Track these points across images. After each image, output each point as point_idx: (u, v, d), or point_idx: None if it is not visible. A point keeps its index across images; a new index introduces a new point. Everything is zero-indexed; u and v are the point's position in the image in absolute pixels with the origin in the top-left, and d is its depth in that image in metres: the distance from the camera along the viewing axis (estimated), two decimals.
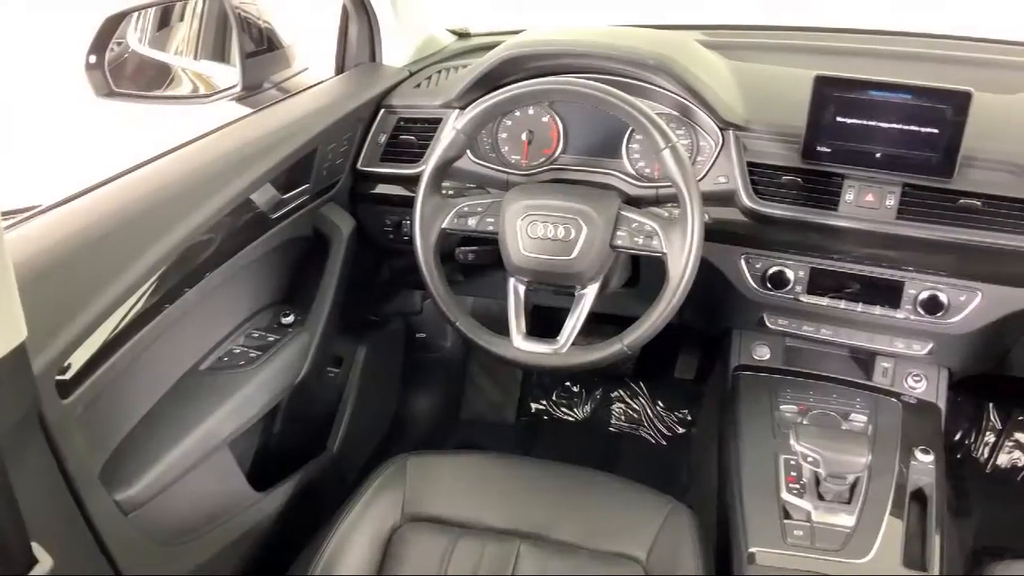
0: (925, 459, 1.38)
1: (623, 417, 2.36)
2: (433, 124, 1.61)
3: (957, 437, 2.19)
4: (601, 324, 1.50)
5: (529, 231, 1.35)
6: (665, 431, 2.32)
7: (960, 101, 1.31)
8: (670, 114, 1.51)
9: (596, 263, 1.34)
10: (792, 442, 1.34)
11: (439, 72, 1.72)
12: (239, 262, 1.38)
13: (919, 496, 1.34)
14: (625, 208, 1.35)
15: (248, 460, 1.55)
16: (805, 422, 1.45)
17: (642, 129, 1.31)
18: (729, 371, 1.64)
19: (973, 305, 1.41)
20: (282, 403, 1.56)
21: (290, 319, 1.53)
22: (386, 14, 1.72)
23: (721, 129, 1.47)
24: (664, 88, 1.50)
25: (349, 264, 1.58)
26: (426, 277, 1.40)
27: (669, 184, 1.31)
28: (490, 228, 1.39)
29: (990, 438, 2.19)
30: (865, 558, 1.22)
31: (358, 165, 1.64)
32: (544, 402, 2.41)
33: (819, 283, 1.49)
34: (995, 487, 2.12)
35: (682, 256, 1.28)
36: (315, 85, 1.69)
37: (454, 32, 1.97)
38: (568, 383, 2.41)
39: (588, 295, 1.37)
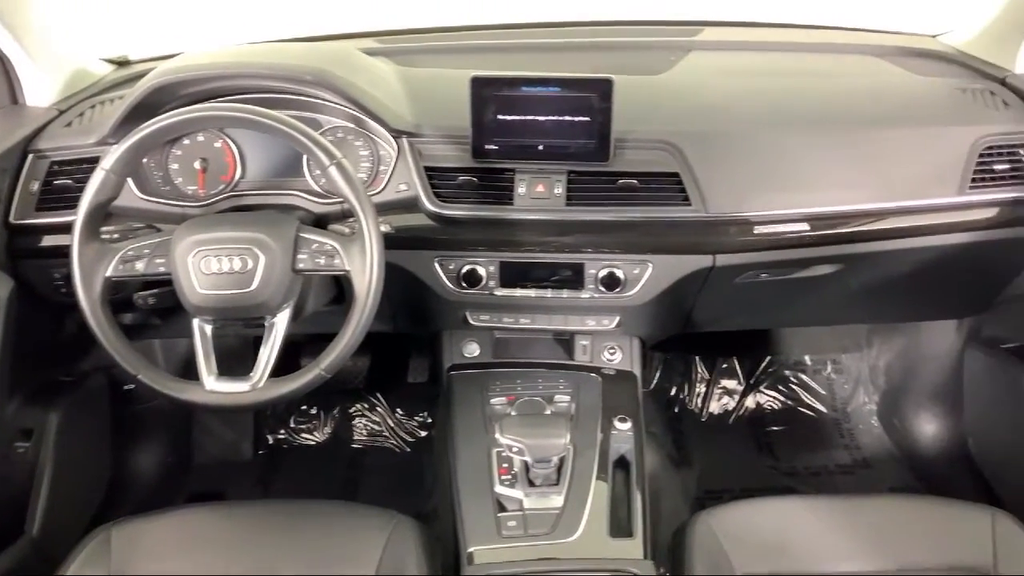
0: (623, 427, 1.46)
1: (365, 432, 2.34)
2: (90, 164, 1.48)
3: (672, 393, 2.37)
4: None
5: (203, 267, 1.28)
6: (408, 437, 2.32)
7: (604, 88, 1.39)
8: (346, 127, 1.50)
9: (280, 290, 1.30)
10: (497, 435, 1.37)
11: (93, 107, 1.60)
12: None
13: (623, 463, 1.42)
14: (304, 229, 1.32)
15: None
16: (513, 412, 1.49)
17: (304, 148, 1.28)
18: (443, 372, 1.66)
19: (646, 277, 1.50)
20: None
21: None
22: (15, 51, 1.56)
23: (395, 137, 1.47)
24: (334, 102, 1.48)
25: (13, 329, 1.43)
26: (97, 333, 1.29)
27: None
28: (161, 269, 1.30)
29: (701, 388, 2.38)
30: (574, 535, 1.27)
31: (10, 219, 1.49)
32: (282, 431, 2.33)
33: (510, 276, 1.53)
34: (711, 434, 2.31)
35: (365, 271, 1.26)
36: None
37: (111, 61, 1.83)
38: (304, 406, 2.35)
39: (279, 324, 1.32)
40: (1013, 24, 1.67)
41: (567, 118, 1.41)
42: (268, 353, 1.31)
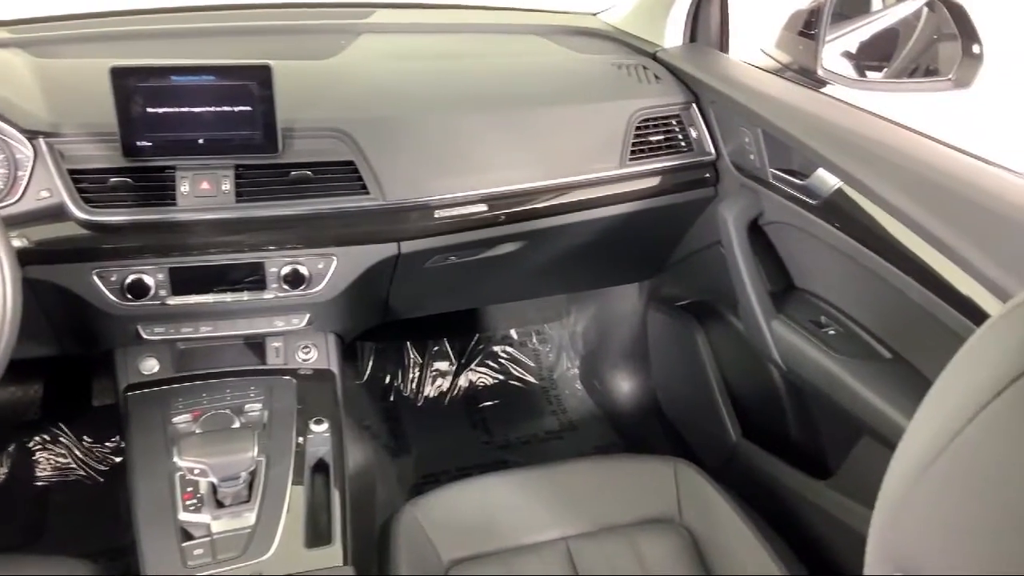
0: (319, 429, 1.39)
1: (49, 467, 2.09)
2: None
3: (387, 382, 2.34)
4: None
5: None
6: (100, 466, 2.10)
7: (262, 75, 1.30)
8: None
9: None
10: (176, 459, 1.26)
11: None
12: None
13: (321, 467, 1.36)
14: None
15: None
16: (198, 430, 1.37)
17: None
18: (120, 394, 1.51)
19: (332, 271, 1.44)
20: None
21: None
22: None
23: (30, 139, 1.30)
24: None
25: None
26: None
27: None
28: None
29: (415, 374, 2.38)
30: (268, 553, 1.19)
31: None
32: None
33: (182, 283, 1.40)
34: (427, 418, 2.31)
35: None
36: None
37: None
38: None
39: None
40: (660, 1, 1.79)
41: (226, 108, 1.31)
42: None
